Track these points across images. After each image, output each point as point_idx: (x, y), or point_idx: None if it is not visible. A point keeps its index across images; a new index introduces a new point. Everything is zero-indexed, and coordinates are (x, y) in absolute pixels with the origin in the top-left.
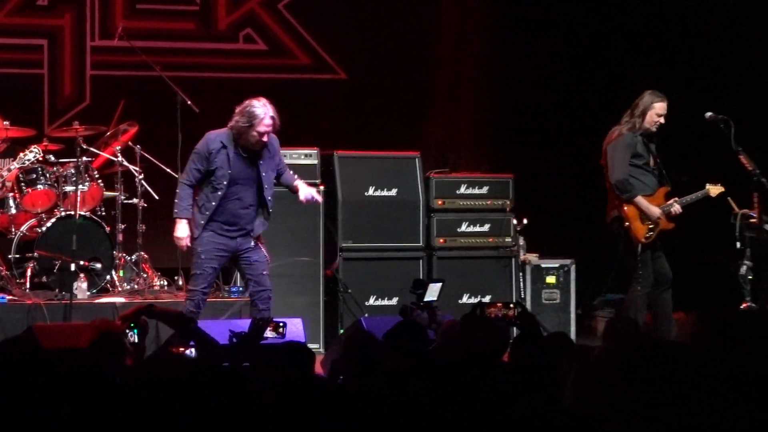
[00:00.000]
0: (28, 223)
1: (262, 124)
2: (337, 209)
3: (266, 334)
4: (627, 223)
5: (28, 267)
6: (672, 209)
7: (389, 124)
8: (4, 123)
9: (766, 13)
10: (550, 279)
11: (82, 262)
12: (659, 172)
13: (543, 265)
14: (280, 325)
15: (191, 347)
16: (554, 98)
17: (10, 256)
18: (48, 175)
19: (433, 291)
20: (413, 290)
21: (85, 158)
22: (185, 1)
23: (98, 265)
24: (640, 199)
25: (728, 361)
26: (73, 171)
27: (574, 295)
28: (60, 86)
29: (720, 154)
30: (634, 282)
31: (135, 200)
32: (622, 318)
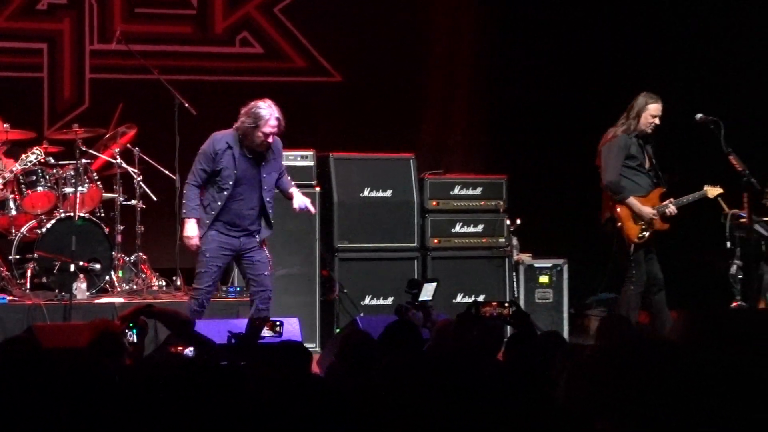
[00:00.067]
0: (28, 225)
1: (268, 125)
2: (332, 210)
3: (263, 333)
4: (619, 224)
5: (28, 268)
6: (667, 210)
7: (384, 126)
8: (5, 125)
9: (764, 13)
10: (543, 279)
11: (81, 263)
12: (655, 173)
13: (536, 265)
14: (277, 324)
15: (190, 347)
16: (547, 100)
17: (10, 257)
18: (48, 177)
19: (428, 291)
20: (408, 290)
21: (84, 160)
22: (182, 6)
23: (97, 266)
24: (632, 200)
25: (719, 359)
26: (72, 173)
27: (567, 295)
28: (59, 89)
29: (712, 155)
30: (627, 281)
31: (133, 202)
32: (615, 317)
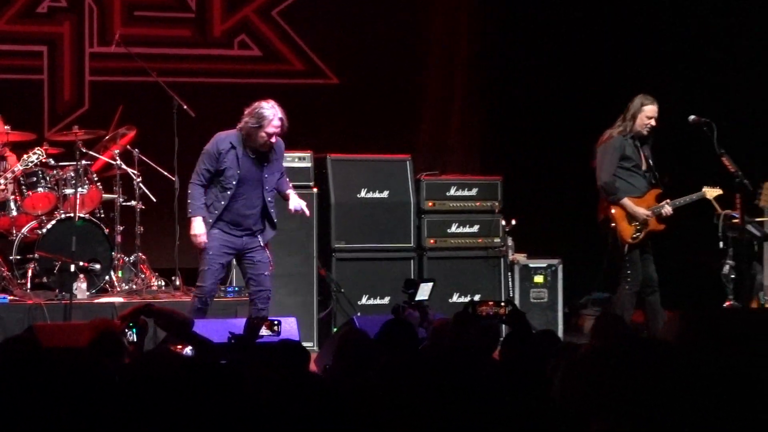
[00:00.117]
0: (29, 225)
1: (271, 125)
2: (330, 211)
3: (261, 333)
4: (613, 224)
5: (29, 268)
6: (662, 210)
7: (381, 128)
8: (5, 127)
9: (762, 15)
10: (538, 278)
11: (81, 263)
12: (651, 174)
13: (531, 265)
14: (275, 324)
15: (188, 346)
16: (542, 102)
17: (11, 258)
18: (48, 178)
19: (425, 290)
20: (405, 290)
21: (84, 162)
22: (181, 9)
23: (97, 266)
24: (626, 201)
25: (712, 359)
26: (72, 174)
27: (562, 294)
28: (60, 91)
29: (705, 156)
30: (623, 281)
31: (133, 202)
32: (609, 316)
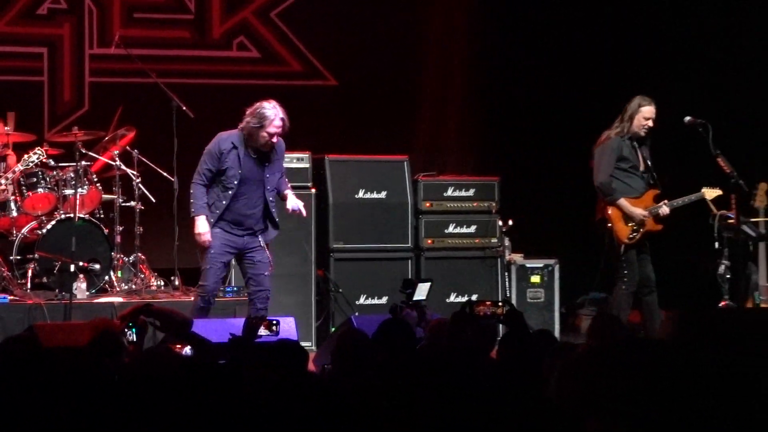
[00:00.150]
0: (29, 226)
1: (272, 125)
2: (328, 211)
3: (260, 333)
4: (610, 225)
5: (29, 268)
6: (660, 211)
7: (378, 129)
8: (6, 128)
9: (760, 16)
10: (535, 278)
11: (81, 263)
12: (649, 175)
13: (528, 265)
14: (274, 324)
15: (187, 346)
16: (538, 103)
17: (11, 258)
18: (48, 179)
19: (422, 290)
20: (403, 290)
21: (84, 162)
22: (180, 11)
23: (97, 266)
24: (623, 202)
25: (708, 358)
26: (72, 175)
27: (558, 294)
28: (60, 93)
29: (701, 157)
30: (619, 281)
31: (132, 203)
32: (606, 316)
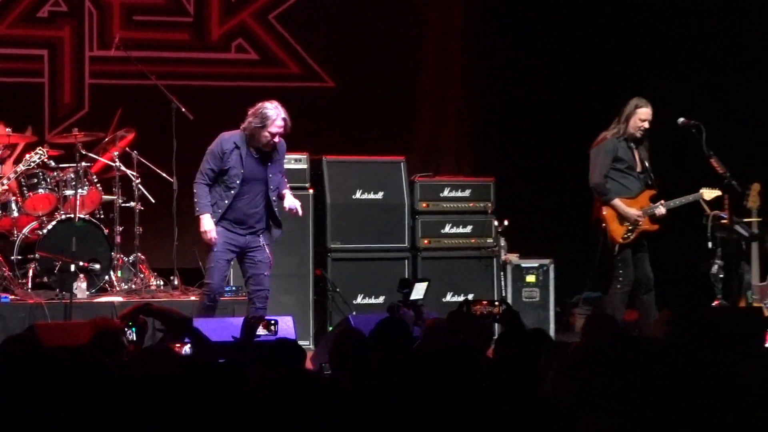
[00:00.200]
0: (30, 226)
1: (274, 125)
2: (325, 212)
3: (259, 332)
4: (604, 225)
5: (30, 268)
6: (656, 211)
7: (375, 130)
8: (6, 130)
9: (759, 17)
10: (530, 278)
11: (81, 263)
12: (646, 175)
13: (523, 265)
14: (272, 323)
15: (187, 344)
16: (534, 104)
17: (12, 258)
18: (49, 180)
19: (419, 290)
20: (400, 289)
21: (84, 163)
22: (180, 13)
23: (97, 266)
24: (617, 202)
25: (701, 357)
26: (72, 176)
27: (553, 294)
28: (60, 94)
29: (695, 157)
30: (614, 281)
31: (132, 203)
32: (600, 315)
